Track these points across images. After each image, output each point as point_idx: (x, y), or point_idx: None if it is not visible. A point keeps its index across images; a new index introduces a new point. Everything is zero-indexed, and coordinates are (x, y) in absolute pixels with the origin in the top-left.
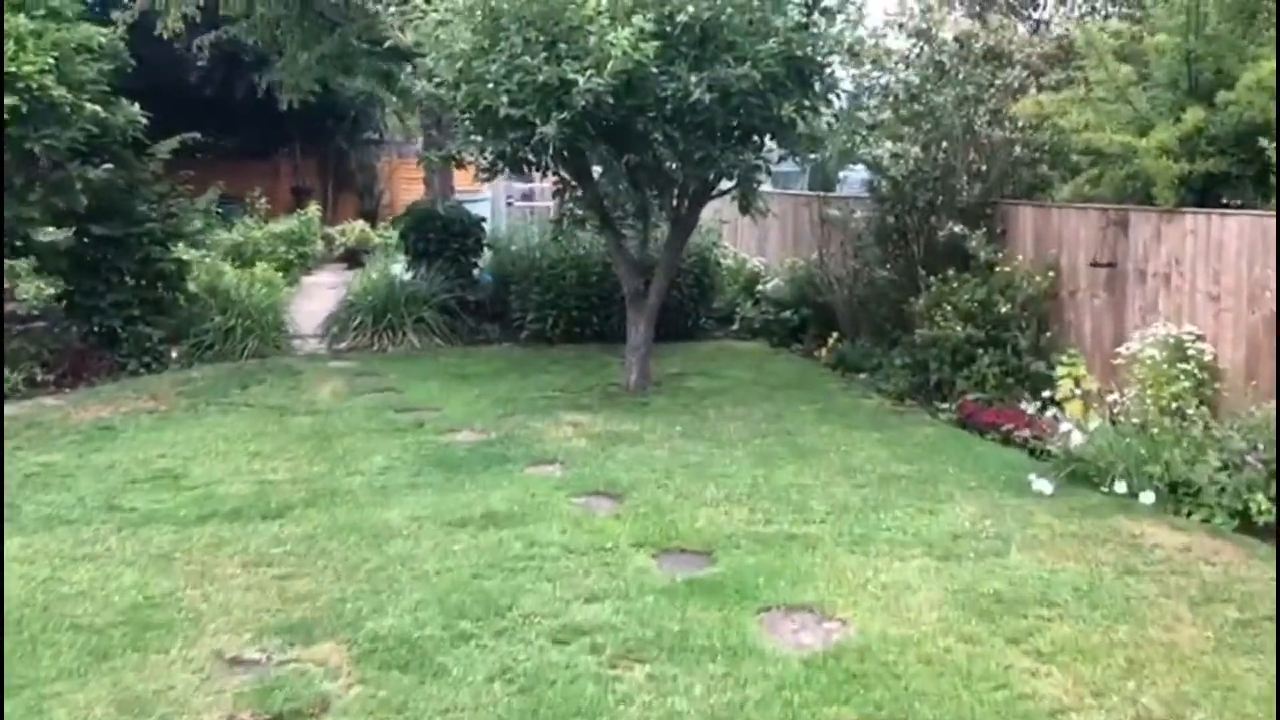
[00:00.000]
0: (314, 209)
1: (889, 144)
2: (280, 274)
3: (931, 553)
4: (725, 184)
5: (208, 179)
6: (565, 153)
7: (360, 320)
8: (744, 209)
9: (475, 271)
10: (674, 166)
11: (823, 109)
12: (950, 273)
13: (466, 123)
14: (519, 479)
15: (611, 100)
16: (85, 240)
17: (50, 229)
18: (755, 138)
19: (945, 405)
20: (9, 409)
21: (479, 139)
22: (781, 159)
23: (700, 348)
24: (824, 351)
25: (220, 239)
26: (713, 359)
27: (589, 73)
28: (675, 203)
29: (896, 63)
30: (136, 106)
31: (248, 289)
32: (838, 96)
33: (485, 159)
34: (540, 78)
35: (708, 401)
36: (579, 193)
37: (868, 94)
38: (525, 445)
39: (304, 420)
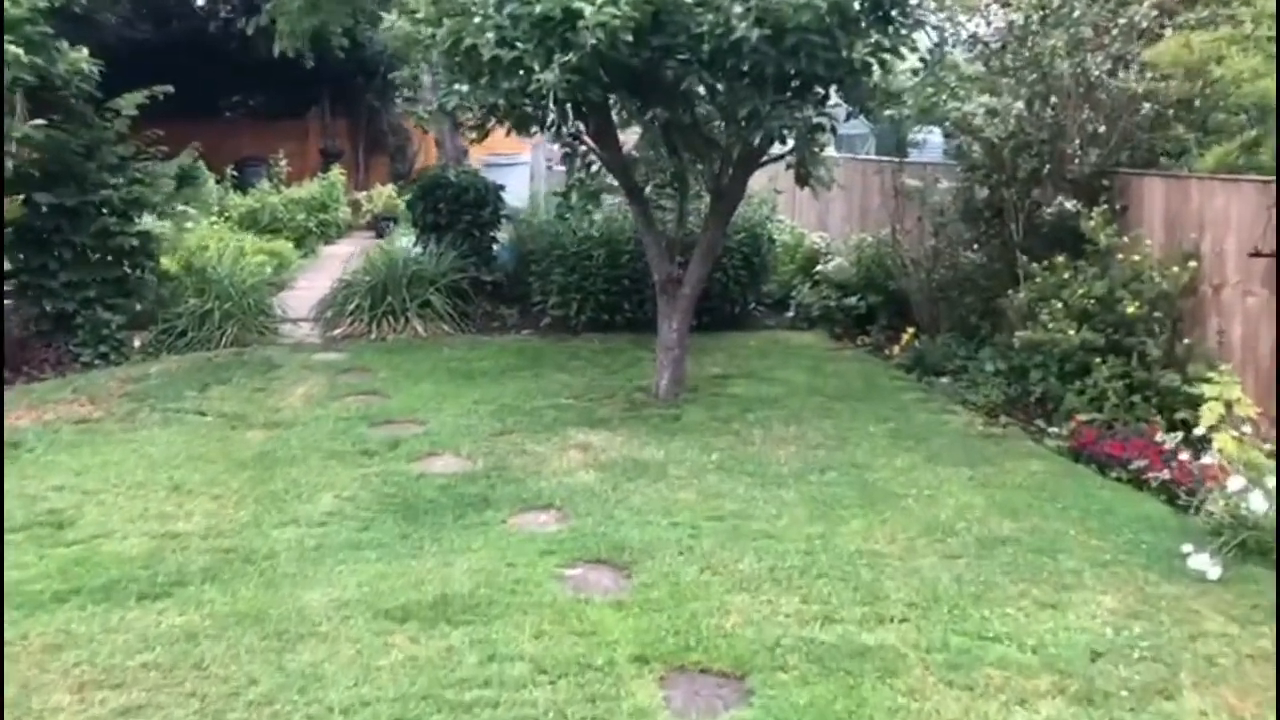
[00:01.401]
0: (337, 172)
1: (984, 99)
2: (294, 244)
3: (1065, 688)
4: (778, 147)
5: (230, 139)
6: (582, 106)
7: (357, 304)
8: (801, 179)
9: (495, 247)
10: (717, 125)
11: (905, 52)
12: (1059, 259)
13: (451, 68)
14: (497, 536)
15: (631, 38)
16: (39, 210)
17: None
18: (817, 89)
19: (1053, 429)
20: None
21: (463, 89)
22: (850, 116)
23: (748, 340)
24: (896, 349)
25: (236, 204)
26: (762, 356)
27: (600, 1)
28: (717, 170)
29: (987, 4)
30: (84, 52)
31: (230, 266)
32: (927, 35)
33: (474, 114)
34: (538, 8)
35: (753, 416)
36: (591, 158)
37: (952, 43)
38: (517, 480)
39: (256, 437)
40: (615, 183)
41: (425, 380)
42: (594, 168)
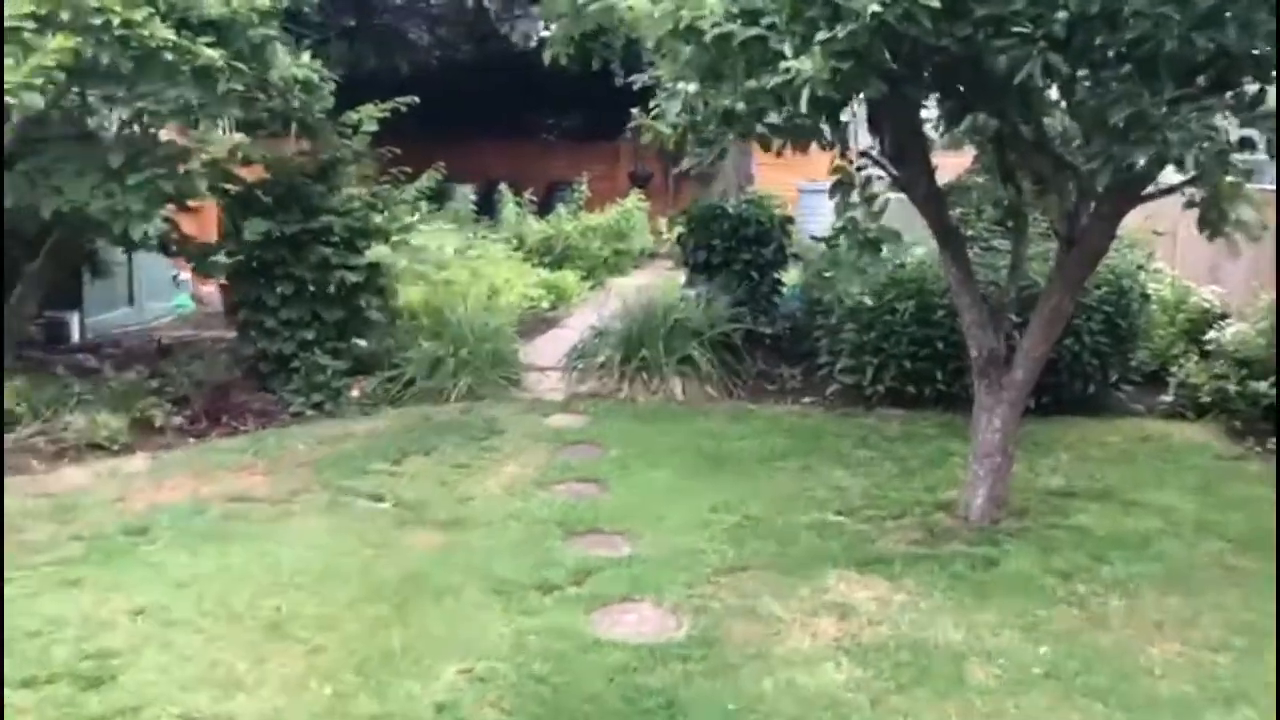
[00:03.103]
0: (634, 198)
1: None
2: (586, 275)
3: None
4: (1170, 173)
5: (542, 162)
6: (874, 110)
7: (608, 355)
8: (1211, 226)
9: (784, 291)
10: (1075, 141)
11: None
12: None
13: (672, 60)
14: None
15: (937, 3)
16: (270, 237)
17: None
18: (1245, 81)
19: None
20: (76, 473)
21: (689, 88)
22: None
23: (1106, 434)
24: None
25: (533, 231)
26: (1126, 461)
27: None
28: (1072, 206)
29: None
30: (306, 57)
31: (475, 304)
32: None
33: (703, 126)
34: None
35: (1109, 571)
36: (875, 188)
37: None
38: (728, 669)
39: (420, 543)
40: (926, 211)
41: (662, 465)
42: (877, 202)
